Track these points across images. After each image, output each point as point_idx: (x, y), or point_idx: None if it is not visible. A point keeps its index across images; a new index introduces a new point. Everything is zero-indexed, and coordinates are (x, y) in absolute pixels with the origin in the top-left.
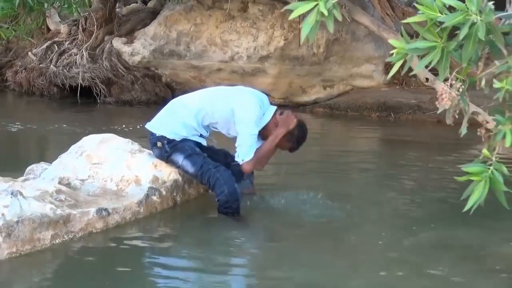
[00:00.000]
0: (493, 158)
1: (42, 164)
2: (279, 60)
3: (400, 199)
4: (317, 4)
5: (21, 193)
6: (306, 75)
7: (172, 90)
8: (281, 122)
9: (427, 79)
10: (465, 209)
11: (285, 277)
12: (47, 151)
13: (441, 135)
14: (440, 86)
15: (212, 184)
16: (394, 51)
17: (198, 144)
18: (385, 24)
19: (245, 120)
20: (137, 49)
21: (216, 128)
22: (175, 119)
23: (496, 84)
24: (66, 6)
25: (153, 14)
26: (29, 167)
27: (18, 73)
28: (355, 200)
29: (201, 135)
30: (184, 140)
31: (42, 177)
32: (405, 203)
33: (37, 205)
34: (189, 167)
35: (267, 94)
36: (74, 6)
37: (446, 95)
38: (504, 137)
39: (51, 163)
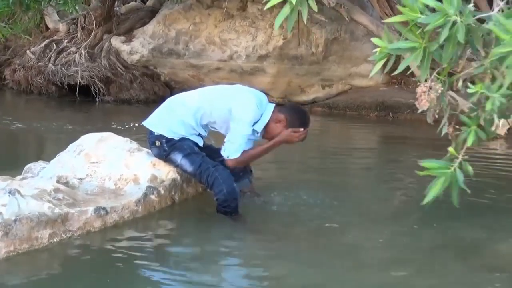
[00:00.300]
0: (460, 157)
1: (40, 163)
2: (278, 60)
3: (399, 198)
4: None
5: (19, 192)
6: (305, 74)
7: (171, 89)
8: (283, 135)
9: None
10: (423, 202)
11: (285, 276)
12: (45, 150)
13: (440, 134)
14: (419, 88)
15: (211, 183)
16: (376, 50)
17: (196, 144)
18: (384, 24)
19: (241, 119)
20: (136, 48)
21: (214, 128)
22: (173, 117)
23: (470, 89)
24: (61, 2)
25: (152, 13)
26: (27, 166)
27: (16, 71)
28: (355, 199)
29: (199, 135)
30: (183, 139)
31: (40, 175)
32: (405, 202)
33: (35, 203)
34: (187, 166)
35: (266, 94)
36: (70, 2)
37: (425, 96)
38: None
39: (49, 161)
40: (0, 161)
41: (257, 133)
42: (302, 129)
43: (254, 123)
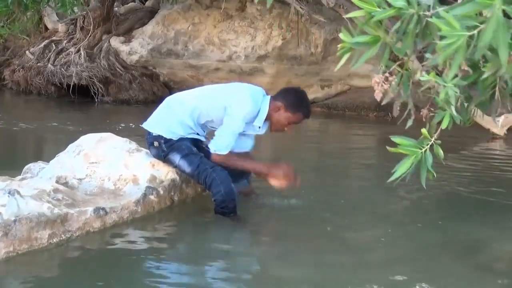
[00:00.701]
0: (432, 139)
1: (40, 163)
2: (277, 60)
3: (400, 197)
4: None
5: (18, 192)
6: (304, 74)
7: (170, 89)
8: (275, 169)
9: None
10: (389, 180)
11: (285, 277)
12: (45, 150)
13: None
14: (373, 79)
15: (209, 184)
16: (340, 45)
17: (196, 143)
18: None
19: (233, 115)
20: (135, 48)
21: (214, 128)
22: (171, 117)
23: (423, 77)
24: (60, 4)
25: (151, 13)
26: (26, 166)
27: (15, 71)
28: (355, 198)
29: (197, 134)
30: (181, 140)
31: (40, 176)
32: (406, 201)
33: (34, 204)
34: (185, 167)
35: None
36: (69, 5)
37: (378, 87)
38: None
39: (48, 162)
40: None
41: (259, 127)
42: (286, 177)
43: (253, 119)
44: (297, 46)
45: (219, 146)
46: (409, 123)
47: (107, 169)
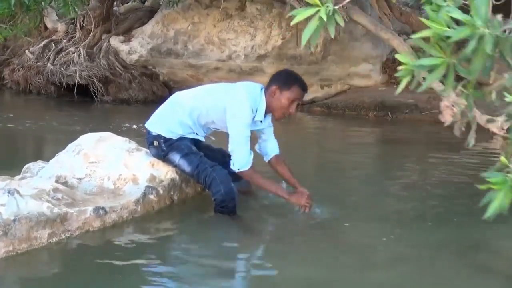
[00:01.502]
0: (511, 166)
1: (39, 163)
2: (276, 59)
3: (400, 198)
4: (318, 10)
5: (18, 192)
6: (303, 74)
7: (170, 88)
8: (296, 201)
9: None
10: (486, 216)
11: (285, 276)
12: (44, 150)
13: (438, 134)
14: (443, 103)
15: (209, 183)
16: (401, 67)
17: (196, 142)
18: (383, 24)
19: (236, 125)
20: (135, 47)
21: (217, 129)
22: (171, 117)
23: (508, 98)
24: (62, 5)
25: (151, 12)
26: (26, 166)
27: (15, 71)
28: (355, 198)
29: (196, 134)
30: (181, 139)
31: (39, 175)
32: (406, 200)
33: (34, 203)
34: (185, 166)
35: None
36: (71, 5)
37: (448, 111)
38: None
39: (48, 161)
40: None
41: (261, 121)
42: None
43: (255, 116)
44: (296, 45)
45: (239, 164)
46: (471, 142)
47: (107, 169)
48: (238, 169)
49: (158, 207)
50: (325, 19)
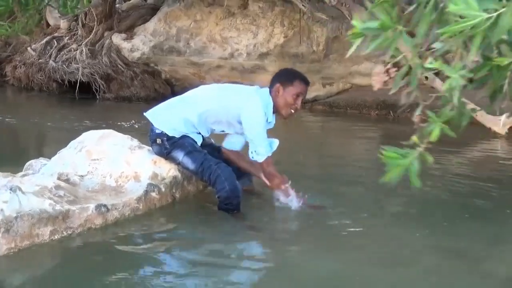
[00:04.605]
0: (421, 146)
1: (41, 160)
2: (278, 58)
3: (402, 197)
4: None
5: (20, 189)
6: (305, 72)
7: (171, 86)
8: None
9: (426, 78)
10: (382, 180)
11: (288, 275)
12: (46, 147)
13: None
14: (375, 69)
15: (213, 180)
16: (351, 30)
17: (198, 141)
18: None
19: (254, 132)
20: (137, 45)
21: (222, 131)
22: (177, 114)
23: (429, 64)
24: (61, 3)
25: (153, 10)
26: (28, 163)
27: (17, 68)
28: (358, 197)
29: (199, 133)
30: (184, 137)
31: (41, 172)
32: (408, 201)
33: (36, 200)
34: (189, 164)
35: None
36: (69, 6)
37: (378, 77)
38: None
39: (50, 158)
40: (1, 158)
41: (269, 122)
42: None
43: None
44: (299, 44)
45: (263, 154)
46: (418, 111)
47: (109, 166)
48: (263, 159)
49: (160, 204)
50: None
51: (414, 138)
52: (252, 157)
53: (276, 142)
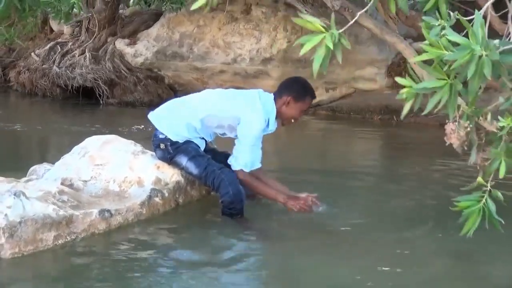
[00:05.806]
0: (488, 185)
1: (45, 165)
2: (281, 63)
3: (406, 199)
4: (324, 37)
5: (24, 194)
6: (308, 77)
7: (175, 91)
8: (290, 207)
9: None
10: (462, 233)
11: (291, 280)
12: (50, 152)
13: (443, 138)
14: (448, 126)
15: (217, 185)
16: (403, 90)
17: (202, 146)
18: (388, 27)
19: (250, 135)
20: (140, 50)
21: (225, 135)
22: (180, 118)
23: (501, 122)
24: (54, 13)
25: (156, 15)
26: (31, 168)
27: (21, 73)
28: (360, 201)
29: (202, 138)
30: (187, 142)
31: (45, 177)
32: (411, 204)
33: (39, 205)
34: (193, 168)
35: None
36: (63, 13)
37: (454, 134)
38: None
39: (53, 163)
40: (5, 163)
41: (269, 129)
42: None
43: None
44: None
45: (239, 164)
46: (473, 158)
47: (112, 171)
48: (235, 168)
49: (163, 209)
50: (331, 47)
51: (479, 180)
52: (230, 161)
53: (258, 166)
